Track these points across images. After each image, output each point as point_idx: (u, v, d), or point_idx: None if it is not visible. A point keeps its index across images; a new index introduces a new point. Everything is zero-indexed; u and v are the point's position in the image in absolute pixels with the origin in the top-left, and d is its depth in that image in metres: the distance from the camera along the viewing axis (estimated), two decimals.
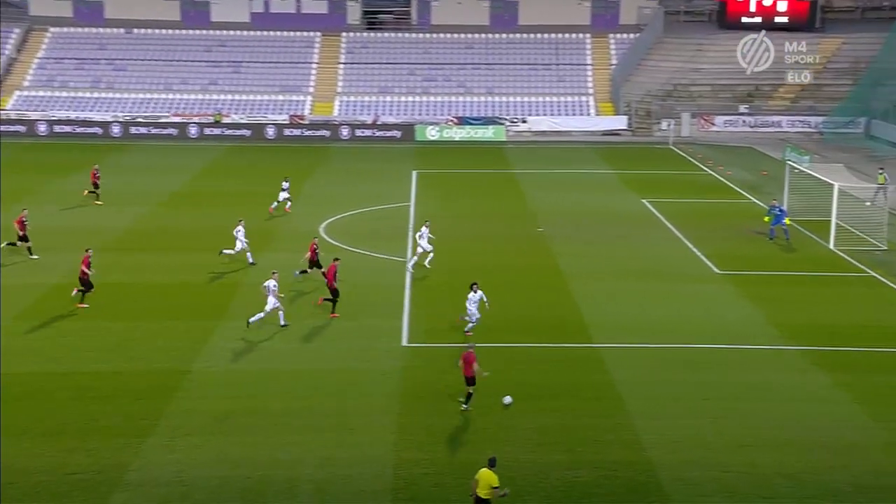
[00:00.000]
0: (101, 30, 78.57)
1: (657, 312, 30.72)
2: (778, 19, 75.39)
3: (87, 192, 45.93)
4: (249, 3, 79.94)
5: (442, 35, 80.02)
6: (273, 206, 43.97)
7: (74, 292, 30.74)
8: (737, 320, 30.07)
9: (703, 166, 57.70)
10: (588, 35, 79.59)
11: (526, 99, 74.77)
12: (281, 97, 74.67)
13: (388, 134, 68.97)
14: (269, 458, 21.31)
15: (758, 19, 75.78)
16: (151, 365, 26.33)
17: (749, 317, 30.42)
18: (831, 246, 38.16)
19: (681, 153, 62.62)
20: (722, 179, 53.56)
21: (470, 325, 28.22)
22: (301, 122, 70.85)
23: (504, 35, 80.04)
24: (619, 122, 71.37)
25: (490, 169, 57.89)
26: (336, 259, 31.10)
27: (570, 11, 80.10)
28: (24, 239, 36.08)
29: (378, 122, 71.20)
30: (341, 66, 77.99)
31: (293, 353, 27.38)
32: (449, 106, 74.13)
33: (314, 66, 77.84)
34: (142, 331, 28.86)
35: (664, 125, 69.17)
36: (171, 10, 79.53)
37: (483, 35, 79.91)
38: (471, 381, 23.22)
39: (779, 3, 74.89)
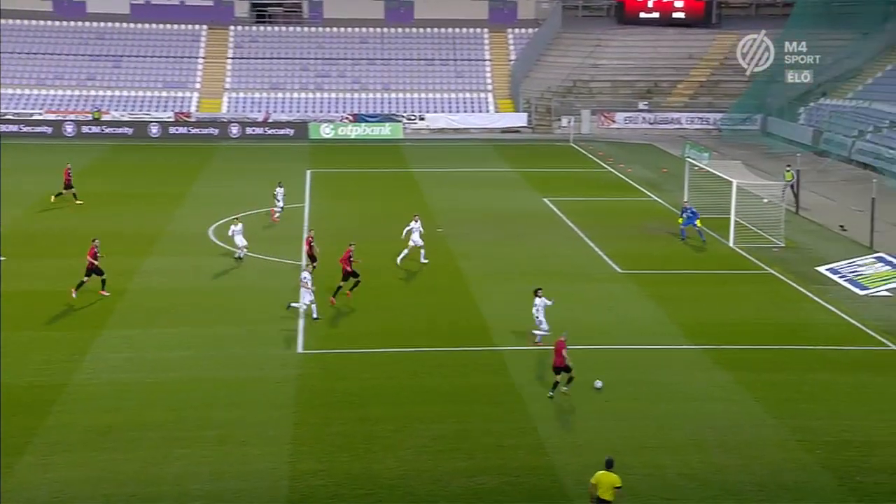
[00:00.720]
0: None
1: (559, 313, 31.09)
2: (675, 15, 77.61)
3: (54, 196, 44.96)
4: None
5: (335, 29, 79.68)
6: (276, 215, 42.59)
7: (74, 294, 30.97)
8: (639, 320, 30.75)
9: (603, 164, 58.87)
10: (486, 30, 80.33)
11: (423, 95, 75.02)
12: (165, 93, 73.21)
13: (281, 132, 68.43)
14: (156, 473, 20.84)
15: (655, 15, 77.85)
16: (24, 378, 25.44)
17: (651, 316, 31.15)
18: (731, 244, 39.38)
19: (581, 151, 63.76)
20: (623, 177, 54.73)
21: (539, 335, 27.61)
22: (187, 119, 69.64)
23: (400, 29, 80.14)
24: (519, 119, 72.27)
25: (387, 168, 57.93)
26: (351, 244, 32.27)
27: (467, 6, 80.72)
28: None
29: (269, 120, 70.47)
30: (229, 60, 76.91)
31: (181, 362, 26.86)
32: (343, 103, 73.85)
33: (200, 60, 76.54)
34: (13, 342, 27.86)
35: (564, 122, 70.34)
36: (43, 0, 77.07)
37: (378, 29, 79.85)
38: (559, 369, 24.24)
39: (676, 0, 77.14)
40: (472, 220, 43.68)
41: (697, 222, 39.48)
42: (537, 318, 27.60)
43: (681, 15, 77.52)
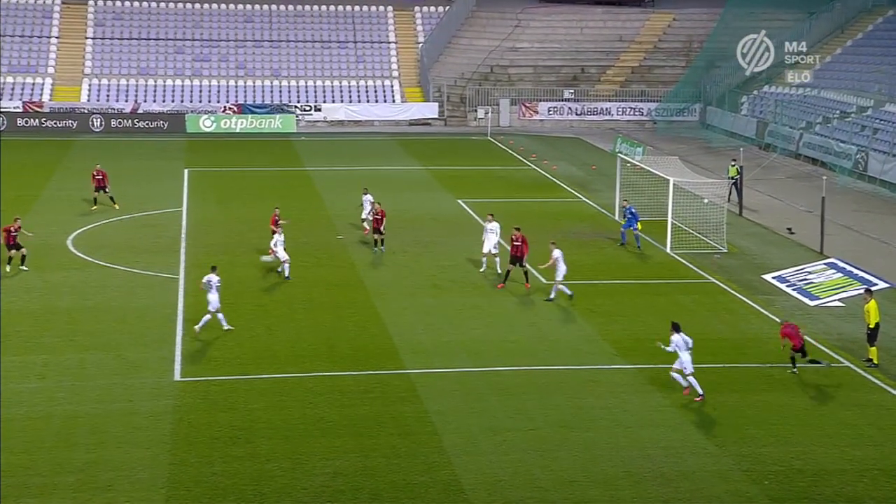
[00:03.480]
0: None
1: (477, 331, 31.38)
2: None
3: (109, 198, 45.48)
4: None
5: (215, 6, 79.05)
6: (365, 223, 41.48)
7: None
8: (567, 338, 31.13)
9: (525, 161, 59.52)
10: (390, 8, 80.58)
11: (319, 83, 74.88)
12: (11, 79, 71.67)
13: (152, 125, 67.80)
14: None
15: None
16: None
17: (580, 333, 31.56)
18: (668, 249, 40.15)
19: (500, 146, 64.35)
20: (547, 175, 55.42)
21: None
22: (39, 110, 68.38)
23: (291, 7, 79.89)
24: (430, 110, 72.63)
25: (279, 166, 57.76)
26: (516, 228, 35.30)
27: None
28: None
29: (139, 111, 69.59)
30: (89, 41, 75.65)
31: (32, 395, 26.27)
32: (226, 91, 73.29)
33: (54, 40, 75.08)
34: None
35: (481, 113, 70.94)
36: None
37: (265, 6, 79.47)
38: (804, 351, 28.11)
39: None
40: None
41: (638, 225, 40.01)
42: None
43: None
